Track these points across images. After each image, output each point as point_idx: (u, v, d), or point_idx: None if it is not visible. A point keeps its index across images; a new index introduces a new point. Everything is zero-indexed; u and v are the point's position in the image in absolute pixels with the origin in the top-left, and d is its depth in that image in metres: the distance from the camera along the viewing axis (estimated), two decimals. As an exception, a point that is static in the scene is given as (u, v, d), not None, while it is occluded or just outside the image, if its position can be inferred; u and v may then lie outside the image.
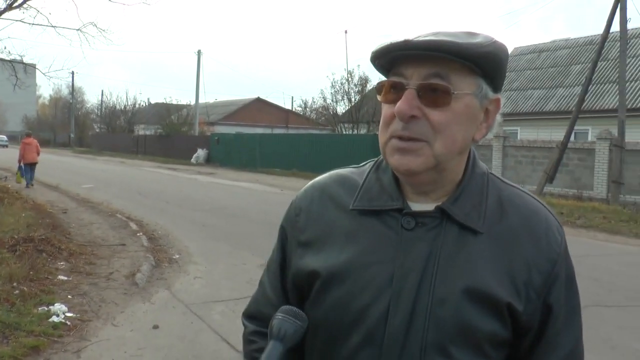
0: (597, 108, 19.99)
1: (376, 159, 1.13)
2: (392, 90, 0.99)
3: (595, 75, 17.08)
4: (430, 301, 0.97)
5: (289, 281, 1.14)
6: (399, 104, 0.95)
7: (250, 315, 1.23)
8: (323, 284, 1.04)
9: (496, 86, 1.01)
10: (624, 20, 14.83)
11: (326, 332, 1.04)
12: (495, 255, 0.99)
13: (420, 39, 0.94)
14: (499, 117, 1.05)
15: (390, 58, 0.98)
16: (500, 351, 1.01)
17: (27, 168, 16.93)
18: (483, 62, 0.96)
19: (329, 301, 1.03)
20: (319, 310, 1.04)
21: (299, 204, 1.14)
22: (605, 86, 20.59)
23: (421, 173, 0.98)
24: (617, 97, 15.97)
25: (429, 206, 1.02)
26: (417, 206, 1.03)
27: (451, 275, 0.98)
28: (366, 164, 1.16)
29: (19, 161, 17.00)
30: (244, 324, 1.24)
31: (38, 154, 17.22)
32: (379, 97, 1.02)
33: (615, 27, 14.98)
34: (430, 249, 0.99)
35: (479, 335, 0.97)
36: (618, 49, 16.13)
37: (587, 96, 16.96)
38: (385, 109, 1.00)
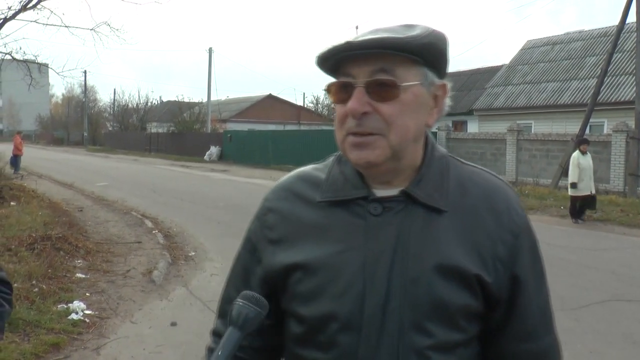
0: (613, 100, 19.71)
1: (337, 153, 1.16)
2: (342, 90, 1.03)
3: (610, 67, 16.87)
4: (404, 281, 1.00)
5: (258, 278, 1.15)
6: (349, 103, 1.00)
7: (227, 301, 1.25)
8: (297, 276, 1.07)
9: (440, 73, 1.06)
10: (640, 11, 14.63)
11: (304, 322, 1.07)
12: (460, 231, 1.03)
13: (361, 38, 0.99)
14: (448, 101, 1.10)
15: (335, 60, 1.03)
16: (474, 324, 1.04)
17: None
18: (424, 53, 1.00)
19: (305, 292, 1.06)
20: (296, 302, 1.07)
21: (267, 205, 1.19)
22: (621, 78, 20.30)
23: (380, 164, 1.02)
24: (634, 88, 15.76)
25: (392, 192, 1.06)
26: (381, 193, 1.06)
27: (421, 254, 1.01)
28: (328, 159, 1.18)
29: None
30: (213, 330, 1.27)
31: None
32: (329, 98, 1.07)
33: (631, 18, 14.79)
34: (399, 232, 1.02)
35: (452, 310, 1.00)
36: (634, 40, 15.91)
37: (602, 88, 16.76)
38: (338, 109, 1.04)
